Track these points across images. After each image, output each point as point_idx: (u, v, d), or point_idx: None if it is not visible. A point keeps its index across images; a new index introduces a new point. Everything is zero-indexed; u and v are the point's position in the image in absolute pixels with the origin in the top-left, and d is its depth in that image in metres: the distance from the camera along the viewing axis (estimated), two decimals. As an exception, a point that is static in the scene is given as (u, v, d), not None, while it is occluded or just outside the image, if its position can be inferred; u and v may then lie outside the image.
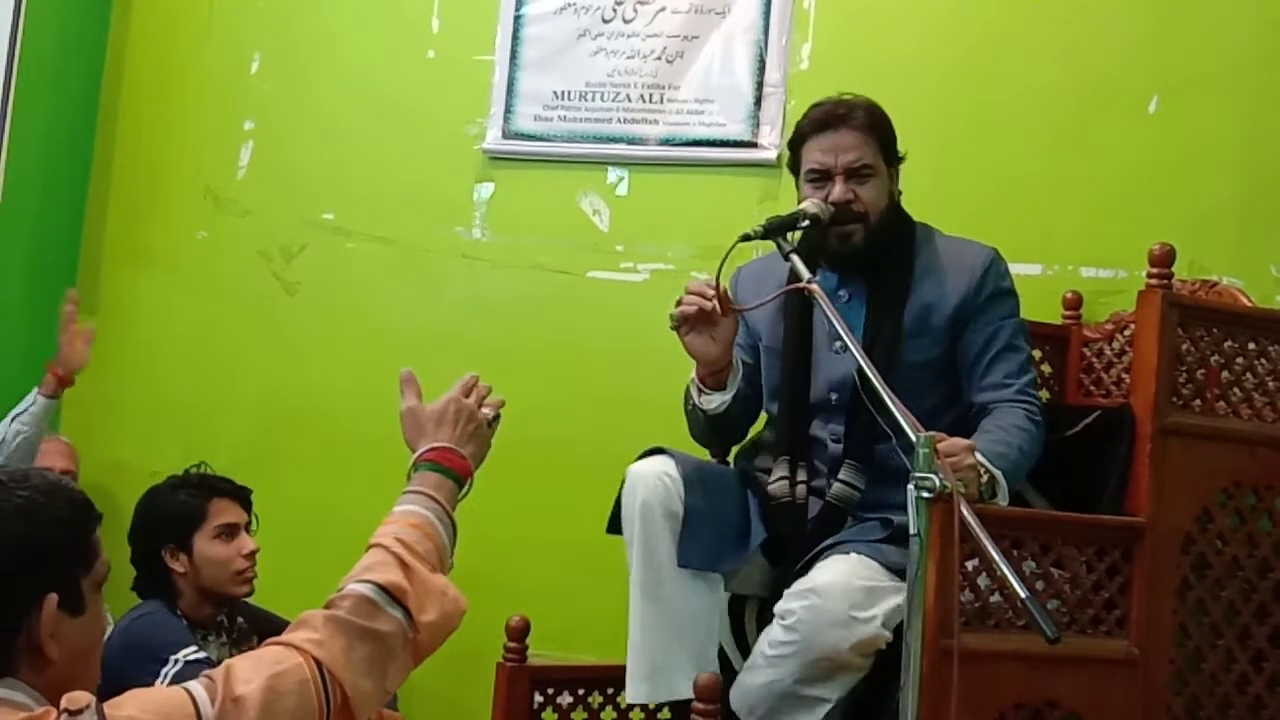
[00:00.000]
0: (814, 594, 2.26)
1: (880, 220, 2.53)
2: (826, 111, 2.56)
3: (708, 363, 2.51)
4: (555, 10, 3.56)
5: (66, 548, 1.44)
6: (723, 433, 2.69)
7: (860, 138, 2.52)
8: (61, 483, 1.49)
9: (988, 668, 2.20)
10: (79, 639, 1.44)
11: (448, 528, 1.75)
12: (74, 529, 1.46)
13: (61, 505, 1.45)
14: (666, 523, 2.44)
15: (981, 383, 2.52)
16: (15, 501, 1.41)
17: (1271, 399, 2.55)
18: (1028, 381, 2.53)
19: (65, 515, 1.45)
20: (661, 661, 2.42)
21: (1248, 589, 2.49)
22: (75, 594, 1.43)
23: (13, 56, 3.65)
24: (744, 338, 2.69)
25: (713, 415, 2.57)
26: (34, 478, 1.46)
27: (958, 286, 2.53)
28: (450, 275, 3.61)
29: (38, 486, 1.44)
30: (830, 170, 2.52)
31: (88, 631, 1.46)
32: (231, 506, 2.88)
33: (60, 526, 1.44)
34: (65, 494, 1.47)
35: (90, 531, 1.48)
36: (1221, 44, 3.05)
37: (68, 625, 1.41)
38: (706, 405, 2.56)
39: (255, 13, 3.86)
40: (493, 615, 2.80)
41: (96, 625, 1.48)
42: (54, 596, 1.40)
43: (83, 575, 1.45)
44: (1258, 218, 3.00)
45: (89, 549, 1.47)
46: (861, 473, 2.46)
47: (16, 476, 1.45)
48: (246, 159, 3.83)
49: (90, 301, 3.90)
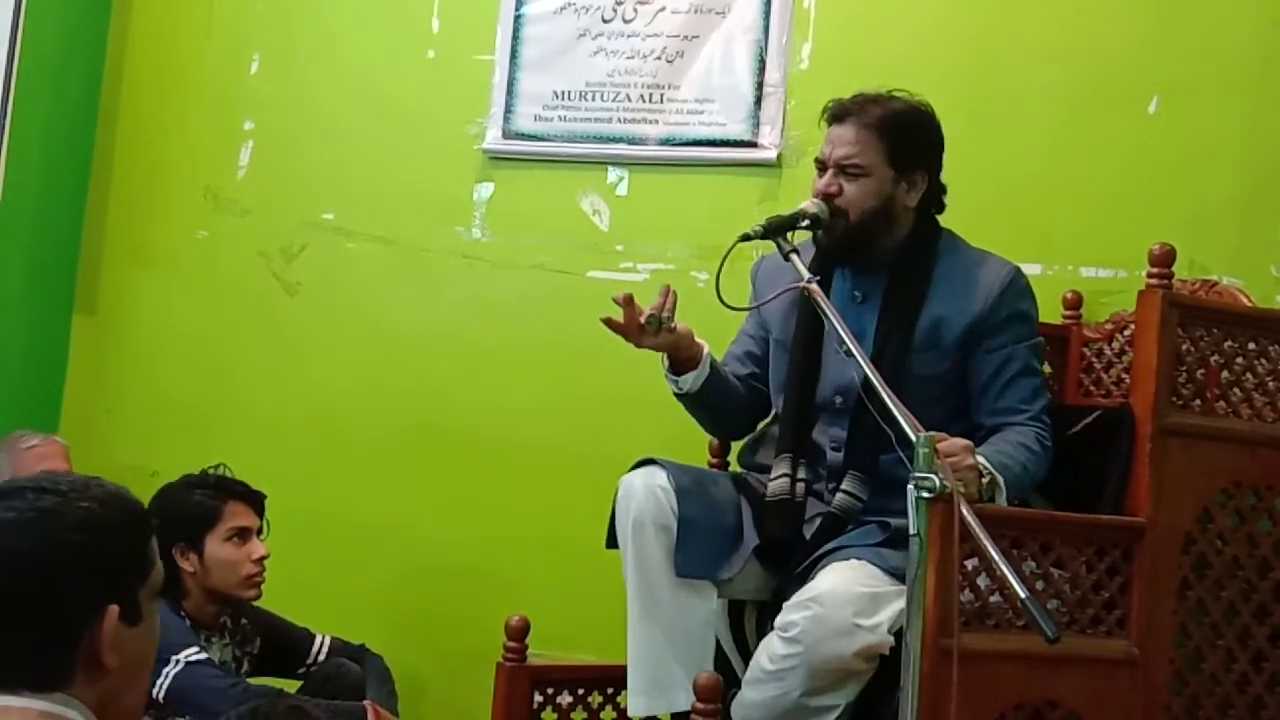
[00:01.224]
0: (816, 603, 2.24)
1: (861, 220, 2.49)
2: (842, 104, 2.55)
3: (670, 350, 2.52)
4: (555, 10, 3.56)
5: (126, 558, 1.43)
6: (721, 415, 2.68)
7: (861, 135, 2.50)
8: (120, 492, 1.47)
9: (988, 668, 2.20)
10: (135, 649, 1.43)
11: None
12: (133, 539, 1.45)
13: (121, 515, 1.44)
14: (659, 537, 2.43)
15: (994, 406, 2.49)
16: (76, 513, 1.40)
17: (1272, 399, 2.55)
18: (1041, 408, 2.49)
19: (124, 526, 1.44)
20: (660, 676, 2.42)
21: (1248, 589, 2.49)
22: (134, 604, 1.42)
23: (13, 56, 3.65)
24: (754, 329, 2.69)
25: (693, 395, 2.56)
26: (93, 487, 1.44)
27: (973, 303, 2.48)
28: (450, 275, 3.61)
29: (97, 497, 1.43)
30: (826, 162, 2.52)
31: (144, 641, 1.45)
32: (246, 510, 2.89)
33: (120, 537, 1.43)
34: (124, 504, 1.46)
35: (148, 541, 1.47)
36: (1221, 44, 3.04)
37: (125, 635, 1.40)
38: (682, 387, 2.55)
39: (255, 13, 3.86)
40: (492, 615, 2.81)
41: (152, 635, 1.47)
42: (115, 608, 1.39)
43: (140, 585, 1.44)
44: (1258, 218, 3.00)
45: (146, 558, 1.46)
46: (865, 484, 2.45)
47: (77, 486, 1.43)
48: (246, 159, 3.83)
49: (90, 301, 3.91)
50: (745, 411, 2.70)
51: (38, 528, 1.38)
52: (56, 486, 1.42)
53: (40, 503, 1.39)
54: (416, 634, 3.47)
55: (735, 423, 2.73)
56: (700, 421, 2.72)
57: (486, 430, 3.51)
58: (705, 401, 2.60)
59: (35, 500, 1.40)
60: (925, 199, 2.55)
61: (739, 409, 2.68)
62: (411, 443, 3.58)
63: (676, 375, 2.56)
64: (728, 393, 2.63)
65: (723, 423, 2.74)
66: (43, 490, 1.41)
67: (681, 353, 2.53)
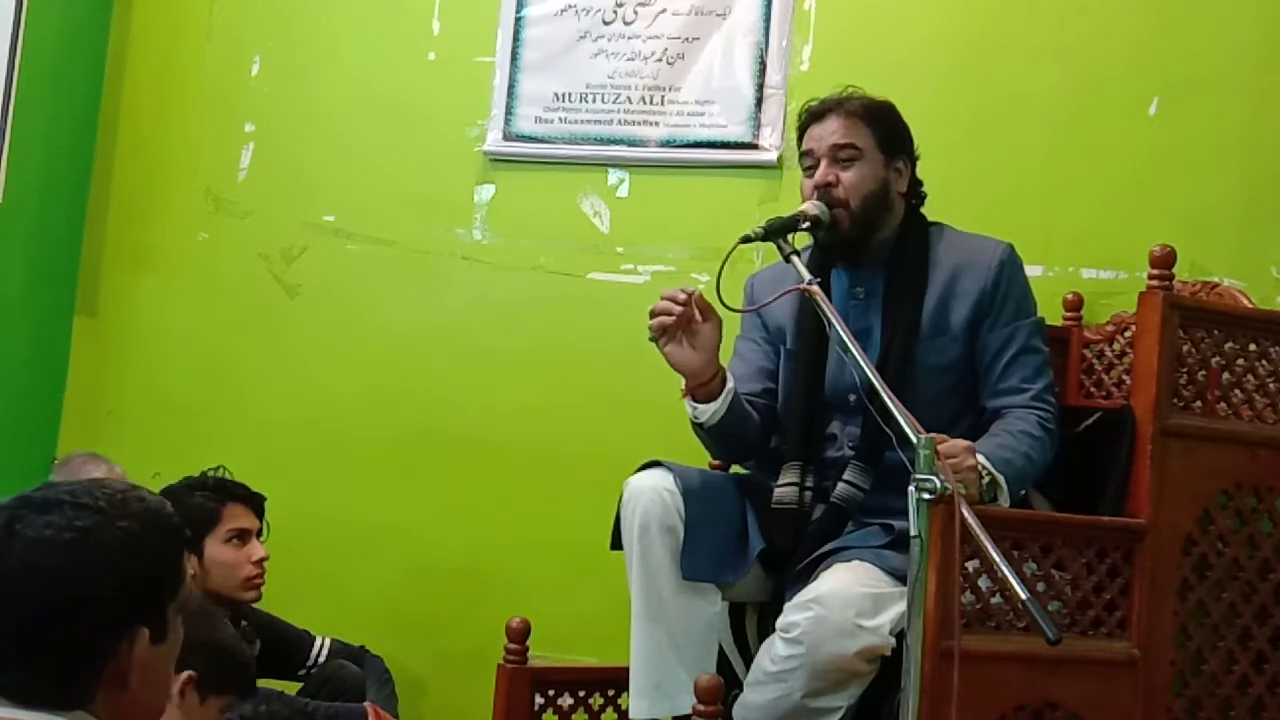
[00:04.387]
0: (817, 604, 2.23)
1: (865, 206, 2.49)
2: (818, 103, 2.56)
3: (691, 373, 2.44)
4: (556, 12, 3.56)
5: (160, 579, 1.41)
6: (732, 444, 2.59)
7: (848, 122, 2.50)
8: (159, 509, 1.44)
9: (988, 669, 2.20)
10: (158, 665, 1.41)
11: None
12: (167, 559, 1.42)
13: (159, 535, 1.41)
14: (664, 540, 2.42)
15: (996, 387, 2.48)
16: (117, 535, 1.37)
17: (1272, 400, 2.55)
18: (1043, 386, 2.48)
19: (162, 547, 1.41)
20: (663, 679, 2.41)
21: (1249, 590, 2.49)
22: (162, 622, 1.40)
23: (14, 58, 3.65)
24: (765, 338, 2.65)
25: (710, 428, 2.49)
26: (132, 504, 1.40)
27: (974, 282, 2.48)
28: (451, 277, 3.61)
29: (137, 515, 1.39)
30: (816, 155, 2.52)
31: (168, 656, 1.43)
32: (245, 512, 2.88)
33: (157, 558, 1.40)
34: (163, 521, 1.43)
35: (181, 557, 1.45)
36: (1221, 44, 3.04)
37: (151, 653, 1.38)
38: (700, 418, 2.48)
39: (256, 15, 3.86)
40: (493, 616, 2.81)
41: (174, 649, 1.45)
42: (146, 631, 1.37)
43: (171, 602, 1.42)
44: (1258, 218, 3.00)
45: (179, 576, 1.43)
46: (867, 473, 2.44)
47: (115, 503, 1.39)
48: (247, 161, 3.83)
49: (91, 303, 3.91)
50: (761, 437, 2.61)
51: (76, 549, 1.35)
52: (96, 502, 1.38)
53: (79, 521, 1.36)
54: (417, 635, 3.47)
55: (749, 448, 2.62)
56: (711, 450, 2.65)
57: (487, 432, 3.51)
58: (722, 431, 2.51)
59: (74, 518, 1.36)
60: (910, 190, 2.57)
61: (754, 436, 2.59)
62: (412, 444, 3.58)
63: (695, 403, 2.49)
64: (744, 419, 2.53)
65: (734, 450, 2.63)
66: (82, 507, 1.37)
67: (700, 379, 2.45)
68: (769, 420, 2.60)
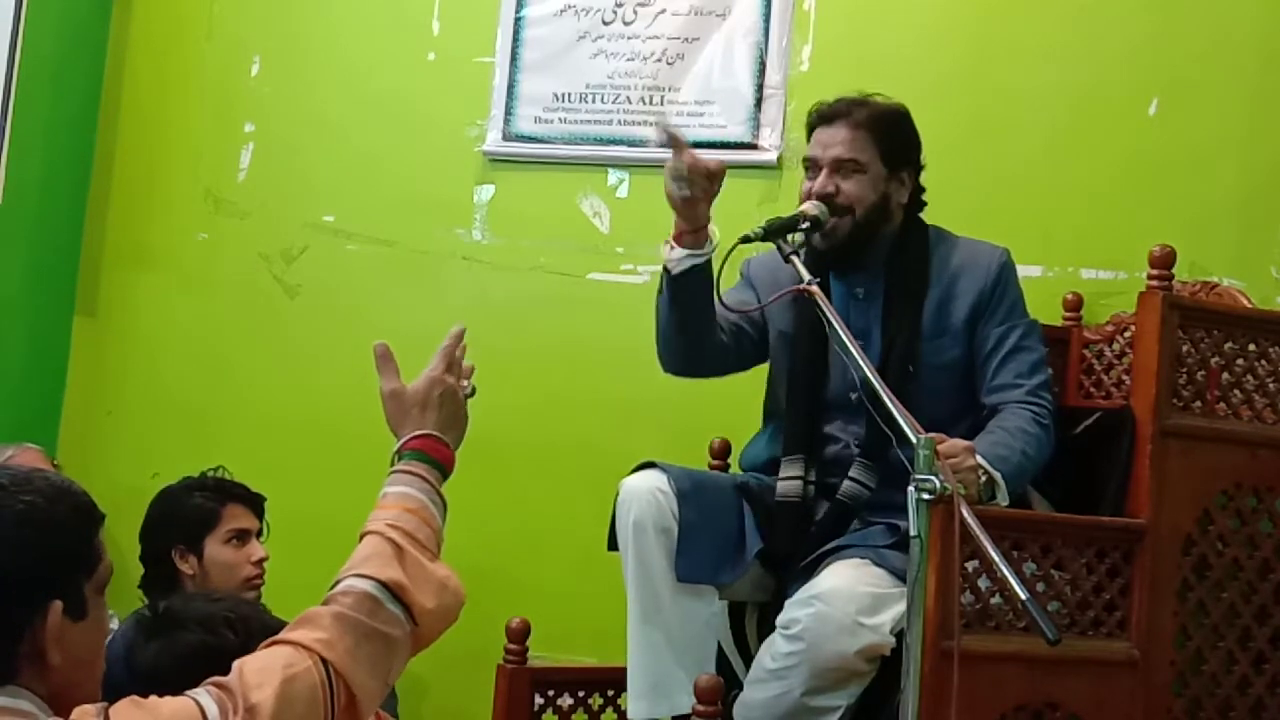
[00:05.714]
0: (819, 601, 2.24)
1: (867, 215, 2.50)
2: (829, 106, 2.56)
3: (689, 217, 2.40)
4: (555, 12, 3.56)
5: (70, 553, 1.41)
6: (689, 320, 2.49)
7: (852, 134, 2.51)
8: (65, 485, 1.46)
9: (988, 670, 2.20)
10: (81, 644, 1.41)
11: (441, 510, 1.72)
12: (77, 533, 1.43)
13: (65, 509, 1.42)
14: (659, 540, 2.43)
15: (991, 383, 2.49)
16: (18, 507, 1.38)
17: (1272, 400, 2.55)
18: (1039, 383, 2.49)
19: (68, 520, 1.42)
20: (661, 679, 2.42)
21: (1248, 590, 2.49)
22: (79, 599, 1.41)
23: (13, 57, 3.65)
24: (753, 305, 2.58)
25: (675, 277, 2.42)
26: (36, 480, 1.43)
27: (974, 282, 2.51)
28: (451, 277, 3.61)
29: (40, 490, 1.41)
30: (819, 163, 2.52)
31: (90, 637, 1.44)
32: (245, 512, 2.88)
33: (63, 532, 1.41)
34: (68, 497, 1.44)
35: (94, 535, 1.46)
36: (1221, 44, 3.05)
37: (70, 631, 1.39)
38: (672, 263, 2.42)
39: (256, 15, 3.86)
40: (493, 617, 2.80)
41: (99, 630, 1.46)
42: (58, 604, 1.38)
43: (86, 580, 1.42)
44: (1258, 218, 3.00)
45: (92, 553, 1.44)
46: (873, 471, 2.44)
47: (19, 479, 1.41)
48: (247, 161, 3.83)
49: (91, 303, 3.91)
50: (717, 344, 2.55)
51: None
52: None
53: None
54: (417, 636, 3.46)
55: (703, 347, 2.55)
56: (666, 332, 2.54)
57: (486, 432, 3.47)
58: (689, 293, 2.44)
59: None
60: (911, 198, 2.58)
61: (711, 330, 2.52)
62: (412, 444, 3.57)
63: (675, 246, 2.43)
64: (708, 300, 2.46)
65: (688, 332, 2.53)
66: None
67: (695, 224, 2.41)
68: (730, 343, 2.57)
